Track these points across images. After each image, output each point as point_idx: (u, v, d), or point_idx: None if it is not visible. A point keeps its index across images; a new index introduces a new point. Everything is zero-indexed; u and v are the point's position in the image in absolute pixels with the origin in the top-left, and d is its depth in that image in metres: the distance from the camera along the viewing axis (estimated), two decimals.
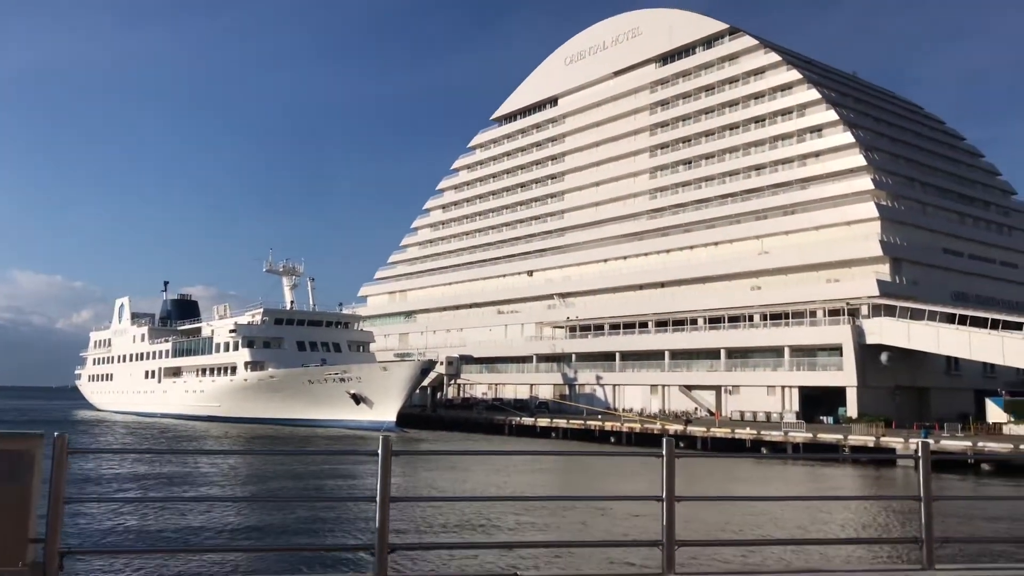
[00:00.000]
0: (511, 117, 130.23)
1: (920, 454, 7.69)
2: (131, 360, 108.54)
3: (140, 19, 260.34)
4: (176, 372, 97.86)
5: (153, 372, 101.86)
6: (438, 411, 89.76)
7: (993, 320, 66.28)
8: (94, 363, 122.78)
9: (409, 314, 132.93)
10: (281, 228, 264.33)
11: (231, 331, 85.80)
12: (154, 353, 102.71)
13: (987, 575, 8.30)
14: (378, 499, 6.89)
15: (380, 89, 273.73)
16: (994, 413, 62.23)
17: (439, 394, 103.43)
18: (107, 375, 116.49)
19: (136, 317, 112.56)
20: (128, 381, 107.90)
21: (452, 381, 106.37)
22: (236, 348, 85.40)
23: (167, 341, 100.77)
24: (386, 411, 74.40)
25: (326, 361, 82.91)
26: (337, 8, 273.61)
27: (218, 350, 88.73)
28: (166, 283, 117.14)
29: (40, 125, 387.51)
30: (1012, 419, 58.68)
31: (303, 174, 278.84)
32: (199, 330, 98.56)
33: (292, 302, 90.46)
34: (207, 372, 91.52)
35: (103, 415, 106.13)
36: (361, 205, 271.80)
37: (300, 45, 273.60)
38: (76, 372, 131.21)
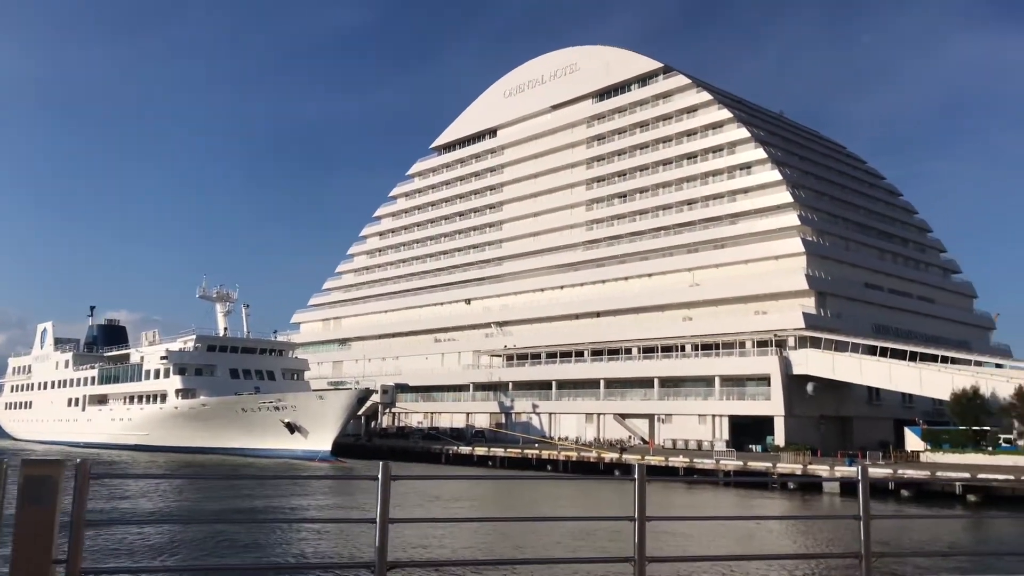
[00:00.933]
0: (450, 146, 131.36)
1: (860, 477, 8.59)
2: (53, 387, 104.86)
3: (76, 35, 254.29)
4: (102, 400, 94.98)
5: (77, 400, 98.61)
6: (373, 440, 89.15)
7: (912, 352, 69.60)
8: (12, 390, 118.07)
9: (343, 342, 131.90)
10: (212, 252, 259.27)
11: (162, 358, 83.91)
12: (78, 380, 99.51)
13: None
14: (378, 520, 7.44)
15: (315, 113, 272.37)
16: (912, 442, 65.02)
17: (373, 423, 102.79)
18: (26, 403, 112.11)
19: (60, 343, 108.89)
20: (49, 409, 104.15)
21: (387, 410, 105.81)
22: (167, 375, 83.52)
23: (93, 368, 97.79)
24: (321, 440, 73.70)
25: (260, 389, 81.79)
26: (273, 32, 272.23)
27: (147, 377, 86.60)
28: (92, 308, 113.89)
29: None
30: (929, 447, 61.43)
31: (235, 197, 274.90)
32: (127, 356, 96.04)
33: (226, 329, 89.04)
34: (135, 400, 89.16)
35: (21, 445, 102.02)
36: (296, 230, 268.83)
37: (235, 67, 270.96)
38: None
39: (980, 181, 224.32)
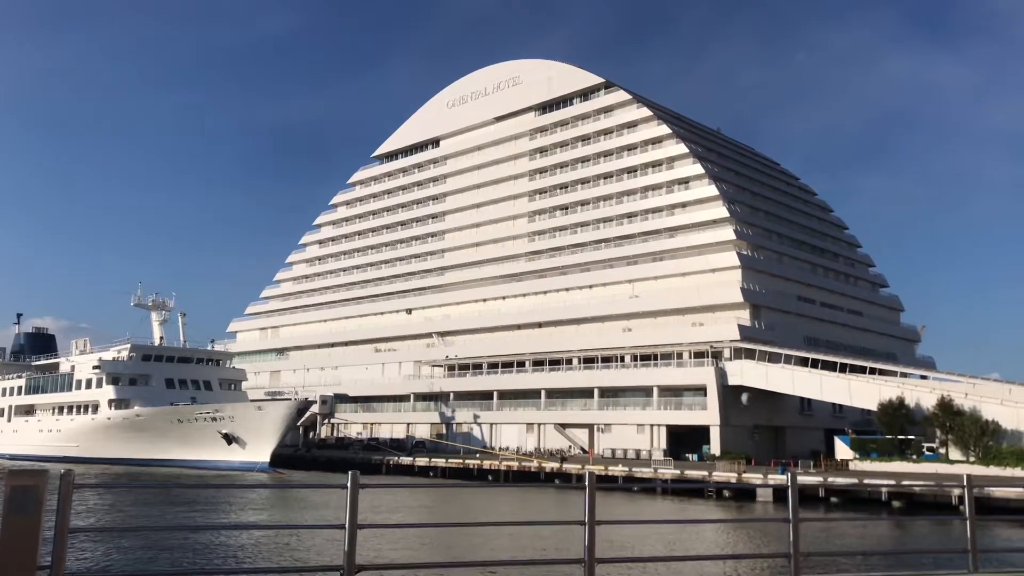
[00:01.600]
0: (393, 156, 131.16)
1: (789, 483, 9.32)
2: None
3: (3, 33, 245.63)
4: (28, 410, 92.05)
5: (2, 410, 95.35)
6: (312, 451, 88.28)
7: (842, 364, 72.15)
8: None
9: (282, 351, 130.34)
10: (145, 259, 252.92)
11: (95, 367, 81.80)
12: (4, 390, 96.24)
13: None
14: (347, 525, 7.86)
15: (252, 119, 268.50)
16: (842, 450, 67.33)
17: (312, 434, 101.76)
18: None
19: None
20: None
21: (326, 420, 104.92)
22: (99, 385, 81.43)
23: (20, 377, 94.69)
24: (259, 452, 72.84)
25: (196, 399, 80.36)
26: (212, 34, 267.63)
27: (79, 387, 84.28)
28: (19, 315, 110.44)
29: None
30: (857, 456, 63.71)
31: (170, 202, 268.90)
32: (57, 365, 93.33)
33: (162, 338, 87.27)
34: (64, 410, 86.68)
35: None
36: (232, 237, 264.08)
37: (167, 70, 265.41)
38: None
39: (906, 197, 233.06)
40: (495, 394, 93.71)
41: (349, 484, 7.94)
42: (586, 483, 8.73)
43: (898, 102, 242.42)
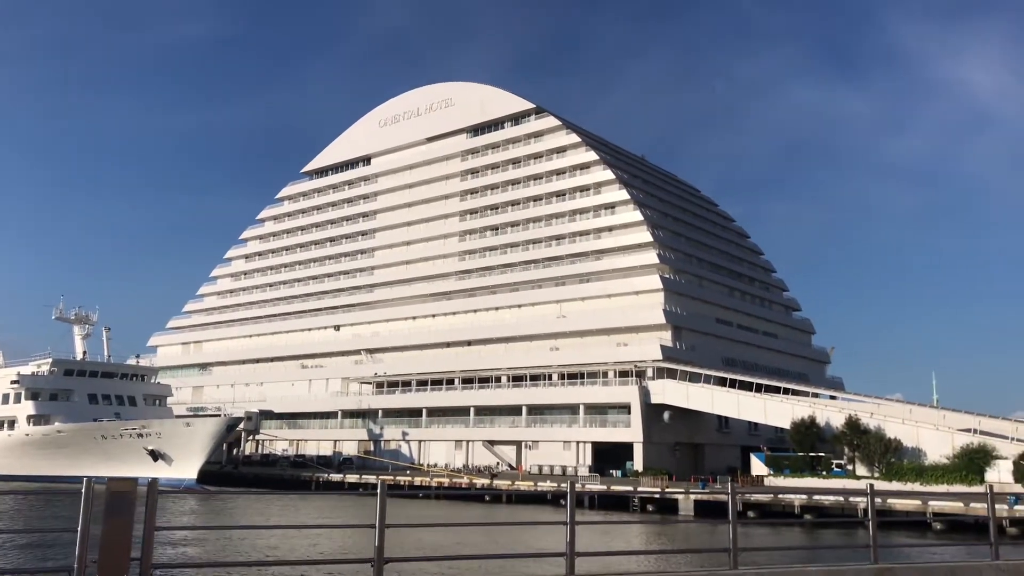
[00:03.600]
0: (323, 172, 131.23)
1: (729, 494, 11.30)
2: None
3: None
4: None
5: None
6: (239, 468, 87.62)
7: (757, 384, 75.89)
8: None
9: (204, 366, 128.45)
10: (62, 270, 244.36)
11: (13, 382, 79.59)
12: None
13: (776, 571, 12.01)
14: (377, 525, 9.51)
15: (173, 127, 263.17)
16: (757, 467, 70.83)
17: (236, 450, 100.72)
18: None
19: None
20: None
21: (251, 437, 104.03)
22: (18, 400, 79.25)
23: None
24: (187, 468, 72.14)
25: (120, 415, 79.04)
26: (129, 37, 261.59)
27: None
28: None
29: None
30: (771, 472, 67.25)
31: (90, 211, 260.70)
32: None
33: (84, 352, 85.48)
34: None
35: None
36: (151, 250, 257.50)
37: (88, 71, 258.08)
38: None
39: (813, 222, 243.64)
40: (424, 411, 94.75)
41: (379, 491, 9.62)
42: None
43: (803, 132, 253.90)
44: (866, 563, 11.80)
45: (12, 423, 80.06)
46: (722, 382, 78.05)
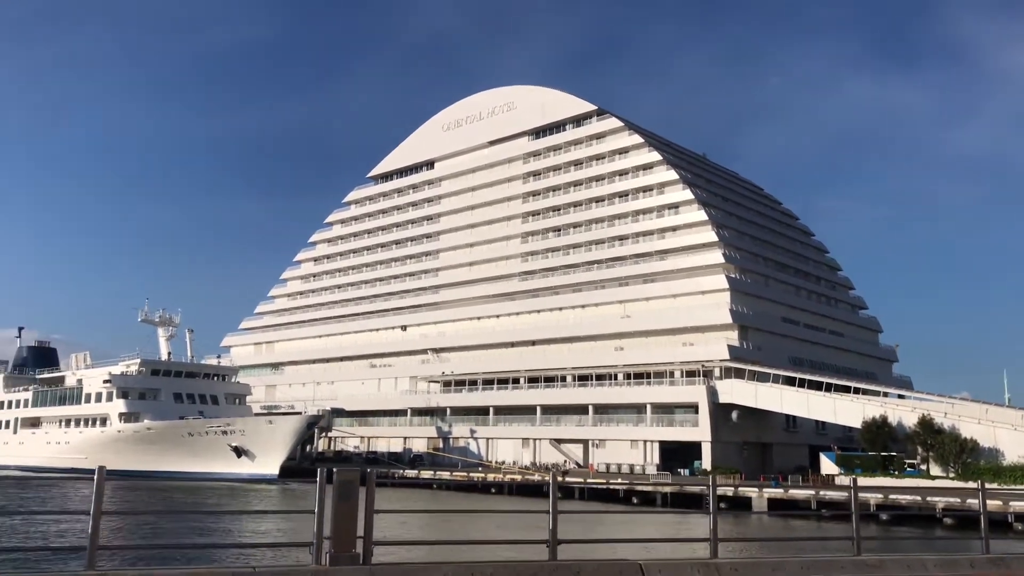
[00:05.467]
0: (388, 176, 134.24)
1: (852, 488, 12.59)
2: None
3: None
4: (35, 423, 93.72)
5: (8, 422, 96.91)
6: (315, 464, 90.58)
7: (827, 384, 75.90)
8: None
9: (276, 366, 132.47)
10: (137, 273, 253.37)
11: (105, 381, 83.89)
12: (10, 402, 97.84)
13: (895, 558, 13.27)
14: (551, 510, 11.05)
15: (242, 131, 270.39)
16: (827, 466, 70.88)
17: (309, 447, 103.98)
18: None
19: None
20: None
21: (323, 434, 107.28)
22: (109, 399, 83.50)
23: (27, 390, 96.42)
24: (269, 464, 75.21)
25: (203, 413, 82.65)
26: (191, 41, 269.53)
27: (88, 400, 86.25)
28: (21, 329, 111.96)
29: None
30: (842, 471, 67.35)
31: (162, 217, 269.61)
32: (62, 379, 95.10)
33: (169, 353, 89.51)
34: (73, 423, 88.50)
35: None
36: (220, 251, 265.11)
37: (150, 80, 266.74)
38: None
39: (870, 218, 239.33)
40: (491, 409, 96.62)
41: (550, 490, 11.17)
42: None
43: (858, 125, 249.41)
44: (978, 553, 13.00)
45: (105, 420, 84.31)
46: (790, 381, 78.20)
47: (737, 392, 79.25)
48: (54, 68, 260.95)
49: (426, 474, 77.46)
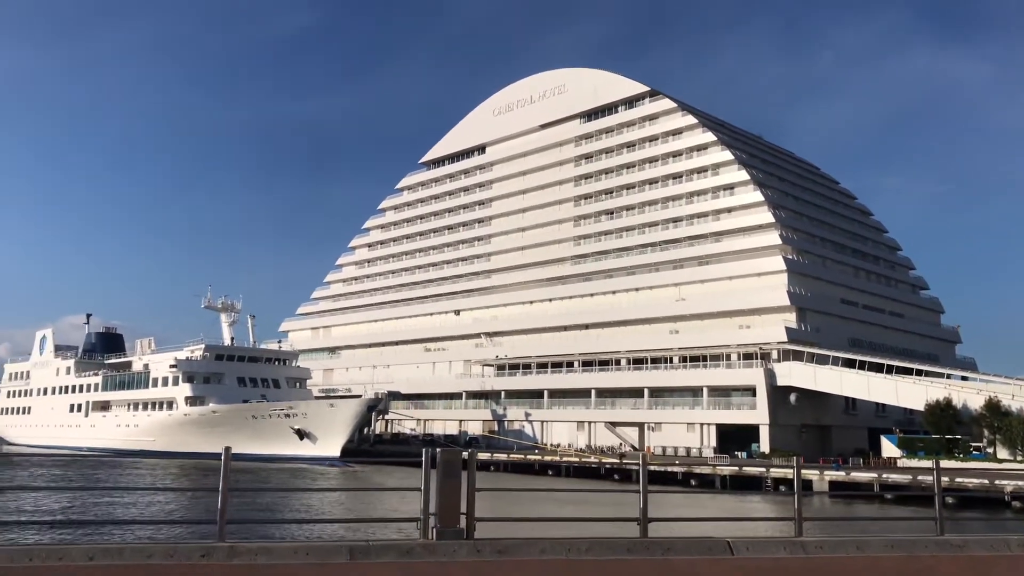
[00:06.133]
0: (439, 162, 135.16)
1: (935, 470, 12.73)
2: (54, 393, 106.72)
3: (25, 36, 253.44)
4: (104, 406, 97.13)
5: (79, 406, 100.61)
6: (376, 446, 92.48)
7: (888, 366, 74.76)
8: (8, 396, 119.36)
9: (333, 350, 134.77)
10: (195, 261, 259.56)
11: (171, 366, 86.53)
12: (81, 387, 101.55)
13: (980, 538, 13.39)
14: (641, 491, 11.43)
15: (296, 122, 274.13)
16: (888, 449, 70.04)
17: (366, 429, 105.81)
18: (24, 408, 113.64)
19: (59, 349, 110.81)
20: (50, 415, 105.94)
21: (380, 416, 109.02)
22: (176, 383, 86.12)
23: (96, 374, 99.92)
24: (330, 446, 76.87)
25: (266, 397, 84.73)
26: (235, 32, 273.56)
27: (155, 384, 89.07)
28: (88, 315, 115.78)
29: None
30: (905, 454, 66.46)
31: (216, 203, 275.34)
32: (129, 364, 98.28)
33: (232, 338, 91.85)
34: (140, 406, 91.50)
35: (21, 449, 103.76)
36: (282, 240, 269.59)
37: (210, 68, 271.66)
38: None
39: (927, 195, 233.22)
40: (545, 393, 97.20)
41: (641, 472, 11.54)
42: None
43: (914, 100, 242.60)
44: None
45: (171, 403, 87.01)
46: (850, 364, 77.22)
47: (796, 374, 78.53)
48: (111, 59, 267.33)
49: (483, 456, 78.33)
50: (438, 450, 10.92)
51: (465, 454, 10.99)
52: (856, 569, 11.20)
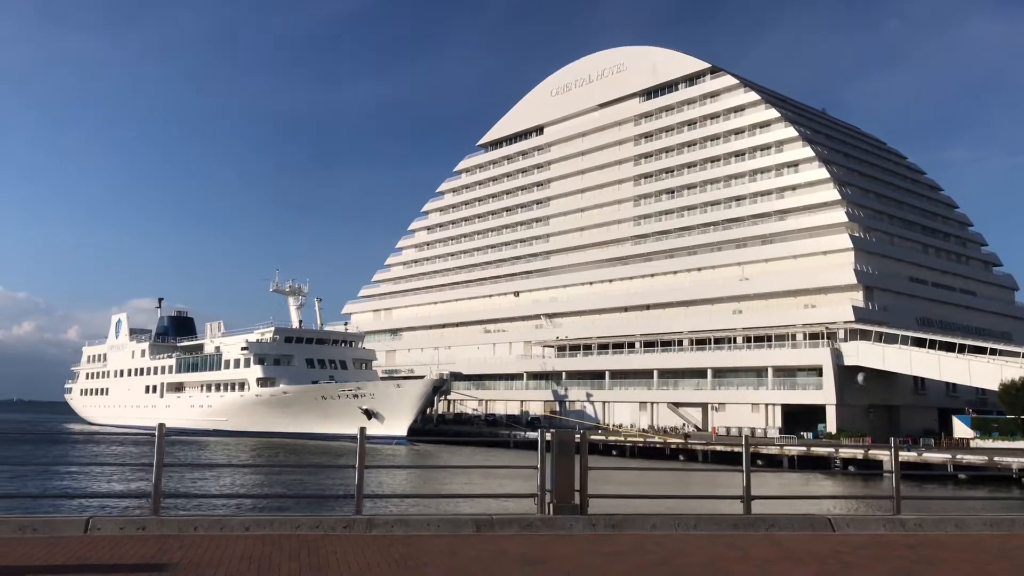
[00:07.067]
0: (498, 143, 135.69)
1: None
2: (130, 375, 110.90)
3: (101, 25, 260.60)
4: (179, 387, 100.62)
5: (155, 387, 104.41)
6: (439, 426, 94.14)
7: (959, 345, 73.20)
8: (87, 377, 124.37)
9: (394, 332, 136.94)
10: (251, 243, 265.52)
11: (243, 348, 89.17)
12: (156, 368, 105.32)
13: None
14: (745, 469, 11.86)
15: (352, 106, 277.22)
16: (960, 429, 68.69)
17: (429, 410, 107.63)
18: (102, 389, 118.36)
19: (134, 333, 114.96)
20: (126, 396, 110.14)
21: (442, 397, 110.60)
22: (247, 365, 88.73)
23: (170, 357, 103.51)
24: (397, 426, 78.56)
25: (334, 378, 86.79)
26: (312, 11, 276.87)
27: (227, 366, 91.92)
28: (160, 300, 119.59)
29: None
30: (978, 435, 65.19)
31: (276, 189, 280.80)
32: (201, 346, 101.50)
33: (300, 321, 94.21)
34: (213, 387, 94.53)
35: (99, 428, 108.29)
36: (343, 223, 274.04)
37: (267, 50, 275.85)
38: (66, 386, 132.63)
39: (999, 167, 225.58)
40: (607, 373, 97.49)
41: (745, 452, 11.98)
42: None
43: (983, 69, 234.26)
44: None
45: (243, 385, 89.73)
46: (920, 343, 75.75)
47: (863, 354, 77.41)
48: (165, 48, 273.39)
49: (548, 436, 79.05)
50: (552, 431, 11.50)
51: (577, 437, 11.56)
52: (957, 546, 11.47)
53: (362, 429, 11.31)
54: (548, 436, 11.56)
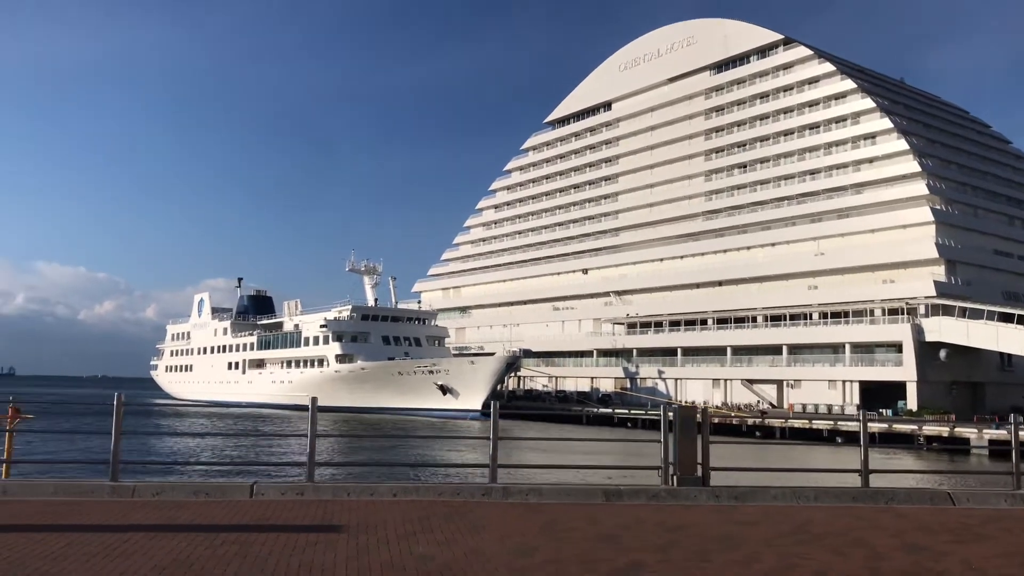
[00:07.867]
0: (565, 120, 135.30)
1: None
2: (213, 352, 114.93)
3: (176, 14, 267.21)
4: (260, 364, 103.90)
5: (237, 363, 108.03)
6: (512, 402, 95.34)
7: None
8: (171, 355, 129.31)
9: (464, 309, 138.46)
10: (322, 224, 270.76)
11: (321, 326, 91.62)
12: (238, 346, 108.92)
13: None
14: (862, 450, 12.10)
15: (418, 89, 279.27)
16: None
17: (499, 386, 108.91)
18: (186, 366, 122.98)
19: (215, 311, 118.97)
20: (210, 372, 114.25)
21: (512, 373, 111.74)
22: (326, 342, 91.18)
23: (251, 334, 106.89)
24: (472, 401, 79.89)
25: (409, 355, 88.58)
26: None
27: (307, 344, 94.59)
28: (240, 279, 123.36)
29: (74, 125, 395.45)
30: None
31: (348, 169, 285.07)
32: (280, 325, 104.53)
33: (376, 299, 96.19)
34: (293, 364, 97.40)
35: (185, 404, 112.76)
36: (414, 202, 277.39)
37: (339, 30, 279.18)
38: (152, 363, 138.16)
39: None
40: (679, 350, 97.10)
41: (861, 433, 12.24)
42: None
43: None
44: None
45: (322, 361, 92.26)
46: (1007, 318, 73.45)
47: (945, 330, 75.51)
48: (232, 32, 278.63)
49: (621, 412, 79.62)
50: (675, 407, 11.95)
51: (699, 413, 11.99)
52: None
53: (495, 404, 11.91)
54: (670, 413, 12.00)
